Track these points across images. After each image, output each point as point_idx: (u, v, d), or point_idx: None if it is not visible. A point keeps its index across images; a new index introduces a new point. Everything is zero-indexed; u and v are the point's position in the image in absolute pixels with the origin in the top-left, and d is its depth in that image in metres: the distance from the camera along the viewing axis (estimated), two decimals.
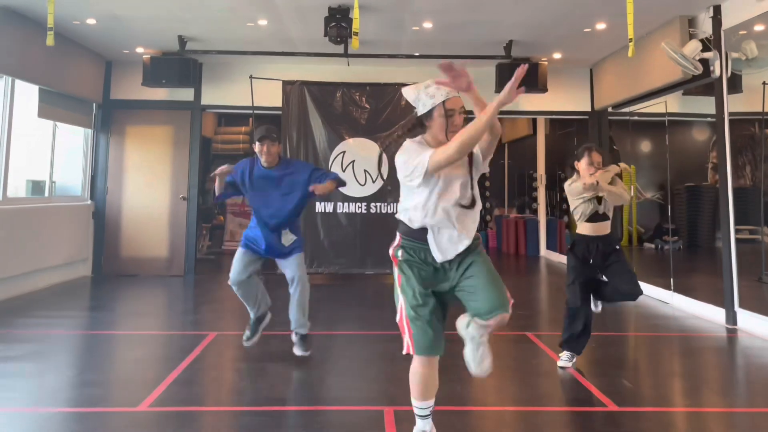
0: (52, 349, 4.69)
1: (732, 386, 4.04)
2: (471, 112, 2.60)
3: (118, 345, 4.93)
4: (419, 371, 2.61)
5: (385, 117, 8.17)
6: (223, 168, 4.24)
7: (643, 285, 7.11)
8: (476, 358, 2.57)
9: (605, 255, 4.14)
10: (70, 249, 7.80)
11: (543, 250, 11.32)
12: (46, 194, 7.62)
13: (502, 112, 8.80)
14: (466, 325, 2.62)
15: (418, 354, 2.56)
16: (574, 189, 4.16)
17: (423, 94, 2.62)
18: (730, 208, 5.71)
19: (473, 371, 2.60)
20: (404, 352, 2.60)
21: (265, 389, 3.76)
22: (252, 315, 4.51)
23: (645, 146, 10.37)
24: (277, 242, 4.32)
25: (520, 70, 2.39)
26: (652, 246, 10.34)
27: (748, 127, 6.00)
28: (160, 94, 8.39)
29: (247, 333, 4.48)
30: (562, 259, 10.37)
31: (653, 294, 6.99)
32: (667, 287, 6.74)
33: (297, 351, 4.37)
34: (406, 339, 2.58)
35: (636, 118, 8.24)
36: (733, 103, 5.79)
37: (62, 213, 7.69)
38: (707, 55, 5.75)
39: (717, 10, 5.80)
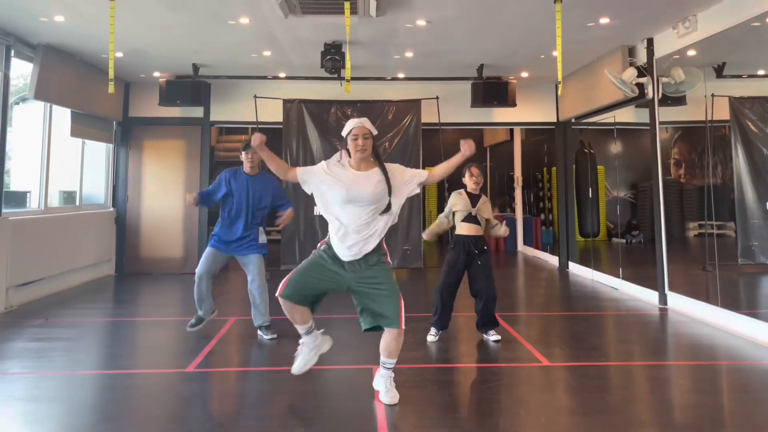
0: (99, 331, 5.76)
1: (645, 348, 5.15)
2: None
3: (154, 328, 5.99)
4: None
5: None
6: (192, 199, 5.21)
7: (599, 275, 8.27)
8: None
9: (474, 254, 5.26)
10: (96, 251, 8.84)
11: (520, 246, 12.43)
12: (77, 203, 8.66)
13: (479, 123, 9.82)
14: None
15: None
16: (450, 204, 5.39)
17: (344, 129, 3.73)
18: (661, 203, 6.84)
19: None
20: None
21: (282, 356, 4.83)
22: (201, 312, 5.48)
23: (613, 149, 11.50)
24: (242, 238, 5.29)
25: (466, 149, 3.54)
26: (622, 241, 11.42)
27: (721, 129, 6.97)
28: (173, 111, 9.43)
29: (192, 321, 5.51)
30: (537, 253, 11.50)
31: (607, 282, 8.11)
32: (617, 275, 7.87)
33: (267, 336, 5.34)
34: None
35: (594, 127, 9.35)
36: (682, 113, 6.87)
37: (89, 219, 8.73)
38: (642, 80, 6.86)
39: (650, 41, 6.91)
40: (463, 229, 5.29)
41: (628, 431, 3.31)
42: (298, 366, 3.89)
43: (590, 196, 9.47)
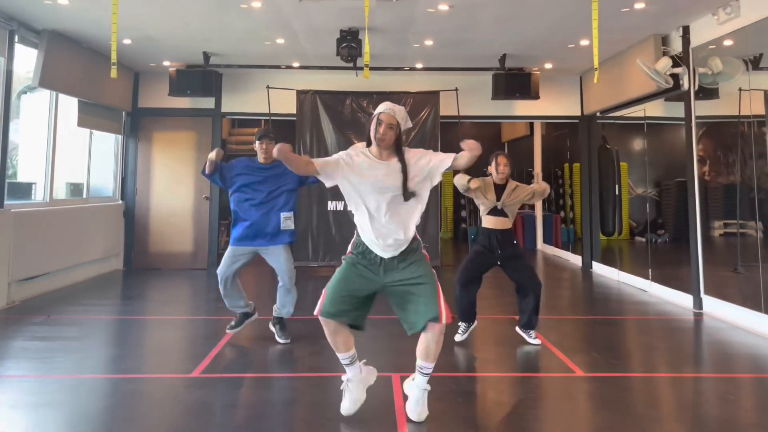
0: (103, 330, 5.48)
1: (685, 358, 4.78)
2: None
3: (161, 327, 5.70)
4: None
5: None
6: (216, 154, 4.80)
7: (626, 276, 7.90)
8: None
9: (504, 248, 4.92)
10: (104, 245, 8.58)
11: (540, 244, 12.05)
12: (84, 195, 8.40)
13: (499, 116, 9.49)
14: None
15: None
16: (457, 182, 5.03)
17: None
18: (696, 202, 6.44)
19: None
20: None
21: (295, 361, 4.52)
22: (241, 310, 5.12)
23: (636, 145, 11.08)
24: (266, 227, 4.86)
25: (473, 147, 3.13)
26: (643, 240, 11.03)
27: (739, 126, 6.63)
28: (183, 102, 9.13)
29: (233, 323, 5.13)
30: (558, 252, 11.11)
31: (634, 283, 7.73)
32: (646, 277, 7.48)
33: (281, 339, 4.98)
34: None
35: (621, 121, 8.94)
36: (714, 108, 6.48)
37: (97, 212, 8.47)
38: (677, 70, 6.46)
39: (686, 29, 6.51)
40: (489, 222, 4.97)
41: None
42: (348, 406, 3.39)
43: (616, 193, 9.06)
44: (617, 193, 9.18)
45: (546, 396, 3.82)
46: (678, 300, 6.65)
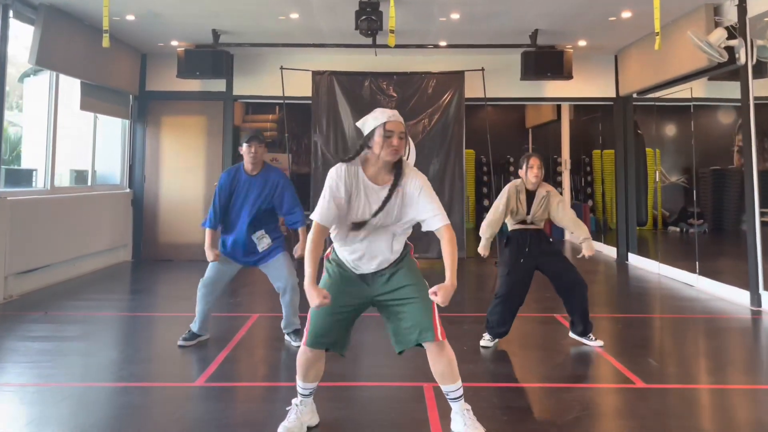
0: (104, 329, 5.02)
1: (755, 365, 4.21)
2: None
3: (167, 326, 5.21)
4: None
5: (412, 105, 8.36)
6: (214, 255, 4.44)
7: (667, 268, 7.31)
8: None
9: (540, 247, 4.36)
10: (111, 235, 8.14)
11: (567, 234, 11.45)
12: (89, 183, 7.95)
13: (528, 99, 8.93)
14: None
15: None
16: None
17: (369, 118, 2.77)
18: (755, 191, 5.82)
19: None
20: None
21: None
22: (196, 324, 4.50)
23: (670, 130, 10.43)
24: (252, 246, 4.36)
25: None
26: (677, 229, 10.41)
27: None
28: (193, 85, 8.64)
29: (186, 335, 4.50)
30: None
31: (678, 277, 7.13)
32: (692, 270, 6.87)
33: (295, 342, 4.38)
34: None
35: (661, 103, 8.31)
36: (759, 89, 5.87)
37: (103, 201, 8.02)
38: (732, 42, 5.82)
39: None
40: (518, 227, 4.43)
41: None
42: (292, 425, 2.89)
43: (657, 180, 8.45)
44: (657, 179, 8.57)
45: (605, 413, 3.28)
46: (732, 296, 6.05)
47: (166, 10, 6.56)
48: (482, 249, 4.43)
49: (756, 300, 5.66)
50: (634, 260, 8.48)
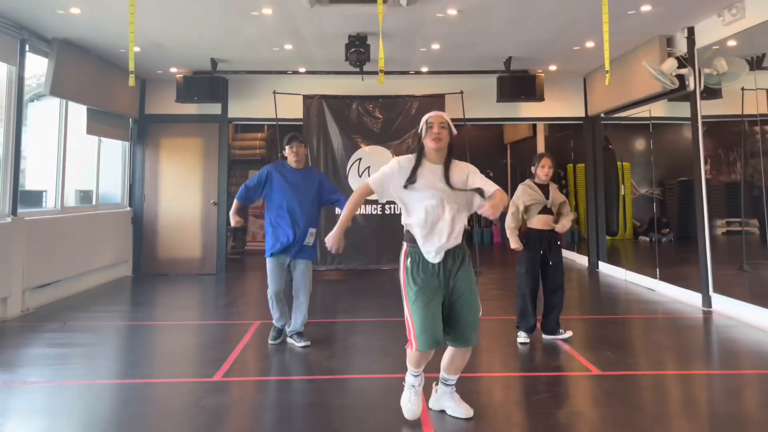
0: (118, 336, 5.53)
1: (698, 355, 4.84)
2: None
3: (176, 333, 5.74)
4: None
5: (396, 126, 8.98)
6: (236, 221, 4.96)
7: (633, 275, 7.96)
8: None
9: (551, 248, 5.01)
10: (114, 252, 8.63)
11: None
12: (93, 203, 8.45)
13: (504, 119, 9.57)
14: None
15: None
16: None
17: (421, 121, 3.38)
18: (704, 202, 6.51)
19: None
20: None
21: (313, 364, 4.57)
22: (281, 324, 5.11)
23: (639, 145, 11.14)
24: (301, 240, 4.92)
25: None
26: (647, 239, 11.09)
27: (738, 126, 6.68)
28: (190, 108, 9.19)
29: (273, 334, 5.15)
30: (563, 252, 11.14)
31: (642, 282, 7.79)
32: (654, 276, 7.54)
33: (300, 343, 4.98)
34: None
35: (626, 122, 9.01)
36: (716, 108, 6.56)
37: (106, 219, 8.52)
38: (683, 71, 6.53)
39: (691, 31, 6.58)
40: (540, 222, 5.01)
41: None
42: (415, 410, 3.39)
43: (622, 192, 9.12)
44: (623, 192, 9.25)
45: (564, 395, 3.87)
46: (686, 299, 6.72)
47: (169, 41, 7.12)
48: (515, 244, 5.00)
49: (707, 301, 6.32)
50: (604, 268, 9.14)
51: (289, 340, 5.10)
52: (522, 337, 5.02)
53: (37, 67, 7.21)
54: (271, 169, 5.01)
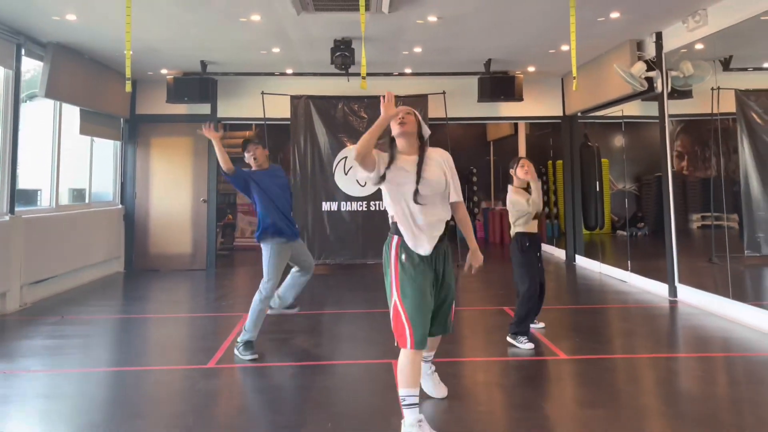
0: (114, 329, 5.81)
1: (660, 341, 5.20)
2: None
3: (169, 325, 6.03)
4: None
5: None
6: (209, 129, 4.77)
7: (607, 267, 8.33)
8: None
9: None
10: (106, 248, 8.87)
11: None
12: (87, 201, 8.68)
13: (485, 118, 9.90)
14: None
15: None
16: (517, 204, 5.09)
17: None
18: (671, 197, 6.88)
19: None
20: None
21: (300, 352, 4.89)
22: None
23: (617, 142, 11.52)
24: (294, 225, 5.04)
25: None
26: (624, 233, 11.48)
27: (715, 123, 6.94)
28: (180, 108, 9.43)
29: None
30: (543, 246, 11.52)
31: (614, 274, 8.17)
32: (625, 268, 7.92)
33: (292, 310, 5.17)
34: None
35: (601, 120, 9.38)
36: (689, 107, 6.92)
37: (99, 217, 8.75)
38: (651, 74, 6.89)
39: (659, 35, 6.94)
40: (534, 226, 5.12)
41: (646, 422, 3.37)
42: None
43: (597, 189, 9.49)
44: (598, 189, 9.62)
45: (533, 376, 4.21)
46: (655, 289, 7.10)
47: (163, 45, 7.38)
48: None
49: (673, 291, 6.70)
50: (581, 261, 9.52)
51: (290, 311, 5.22)
52: (524, 342, 4.88)
53: (29, 64, 7.42)
54: (246, 175, 4.95)
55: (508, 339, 4.98)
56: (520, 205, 5.04)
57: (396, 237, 3.26)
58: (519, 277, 5.07)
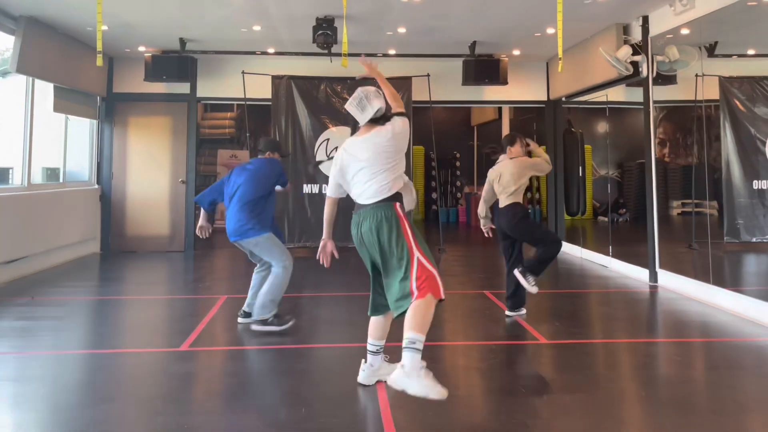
0: (87, 310, 5.69)
1: (639, 326, 5.19)
2: None
3: (144, 307, 5.90)
4: None
5: None
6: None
7: (588, 253, 8.33)
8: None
9: None
10: (81, 229, 8.68)
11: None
12: (61, 180, 8.47)
13: (469, 101, 9.78)
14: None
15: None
16: (540, 165, 5.18)
17: (373, 97, 3.55)
18: (654, 184, 6.87)
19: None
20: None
21: (275, 335, 4.79)
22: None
23: (600, 128, 11.51)
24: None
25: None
26: (605, 219, 11.51)
27: (697, 110, 6.93)
28: (159, 87, 9.21)
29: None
30: None
31: (595, 260, 8.17)
32: (607, 254, 7.92)
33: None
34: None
35: (585, 106, 9.33)
36: (672, 93, 6.89)
37: (74, 197, 8.56)
38: (637, 58, 6.83)
39: (645, 19, 6.87)
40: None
41: (624, 406, 3.34)
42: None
43: (580, 174, 9.47)
44: (581, 174, 9.59)
45: (513, 361, 4.17)
46: (635, 274, 7.10)
47: (137, 20, 7.16)
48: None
49: (653, 276, 6.70)
50: (563, 247, 9.49)
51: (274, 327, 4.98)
52: (532, 283, 4.98)
53: (4, 43, 7.20)
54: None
55: (516, 273, 5.01)
56: (541, 166, 5.13)
57: (398, 203, 3.43)
58: (541, 235, 5.23)
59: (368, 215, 3.44)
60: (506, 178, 5.14)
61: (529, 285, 4.97)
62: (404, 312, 3.18)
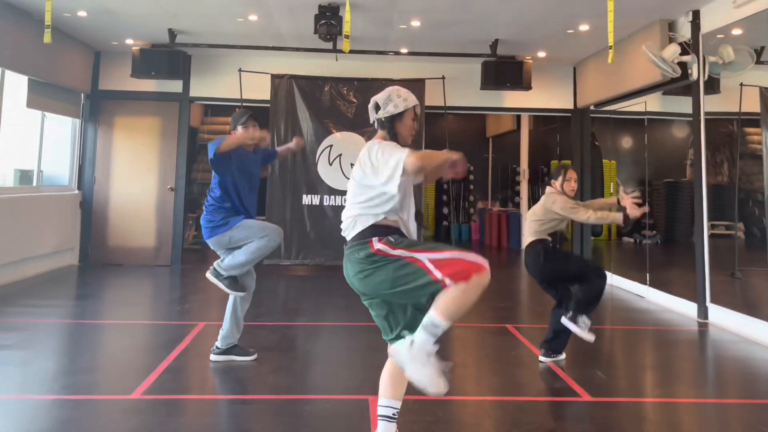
0: (42, 337, 4.79)
1: (701, 378, 4.26)
2: None
3: (108, 334, 5.03)
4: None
5: None
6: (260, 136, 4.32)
7: (619, 279, 7.41)
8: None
9: None
10: (57, 238, 7.85)
11: (524, 244, 11.51)
12: (35, 183, 7.66)
13: (488, 108, 8.95)
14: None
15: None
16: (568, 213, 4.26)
17: (395, 96, 2.71)
18: (704, 205, 5.95)
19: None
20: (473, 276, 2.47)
21: (254, 378, 3.90)
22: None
23: (626, 143, 10.61)
24: None
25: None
26: (631, 240, 10.58)
27: (726, 125, 6.17)
28: (148, 85, 8.42)
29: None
30: None
31: (629, 288, 7.23)
32: (643, 281, 6.97)
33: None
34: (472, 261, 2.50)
35: (617, 116, 8.44)
36: (711, 103, 6.00)
37: (50, 202, 7.74)
38: (686, 58, 5.94)
39: (696, 14, 5.99)
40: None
41: None
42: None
43: (611, 191, 8.57)
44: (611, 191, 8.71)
45: (551, 426, 3.25)
46: (679, 308, 6.15)
47: (120, 6, 6.36)
48: (635, 211, 4.06)
49: (703, 312, 5.75)
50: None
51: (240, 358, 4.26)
52: (585, 325, 4.15)
53: None
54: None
55: (565, 322, 4.12)
56: (568, 213, 4.26)
57: (373, 238, 2.56)
58: (578, 269, 4.26)
59: (347, 258, 2.66)
60: (535, 212, 4.47)
61: (583, 332, 4.07)
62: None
